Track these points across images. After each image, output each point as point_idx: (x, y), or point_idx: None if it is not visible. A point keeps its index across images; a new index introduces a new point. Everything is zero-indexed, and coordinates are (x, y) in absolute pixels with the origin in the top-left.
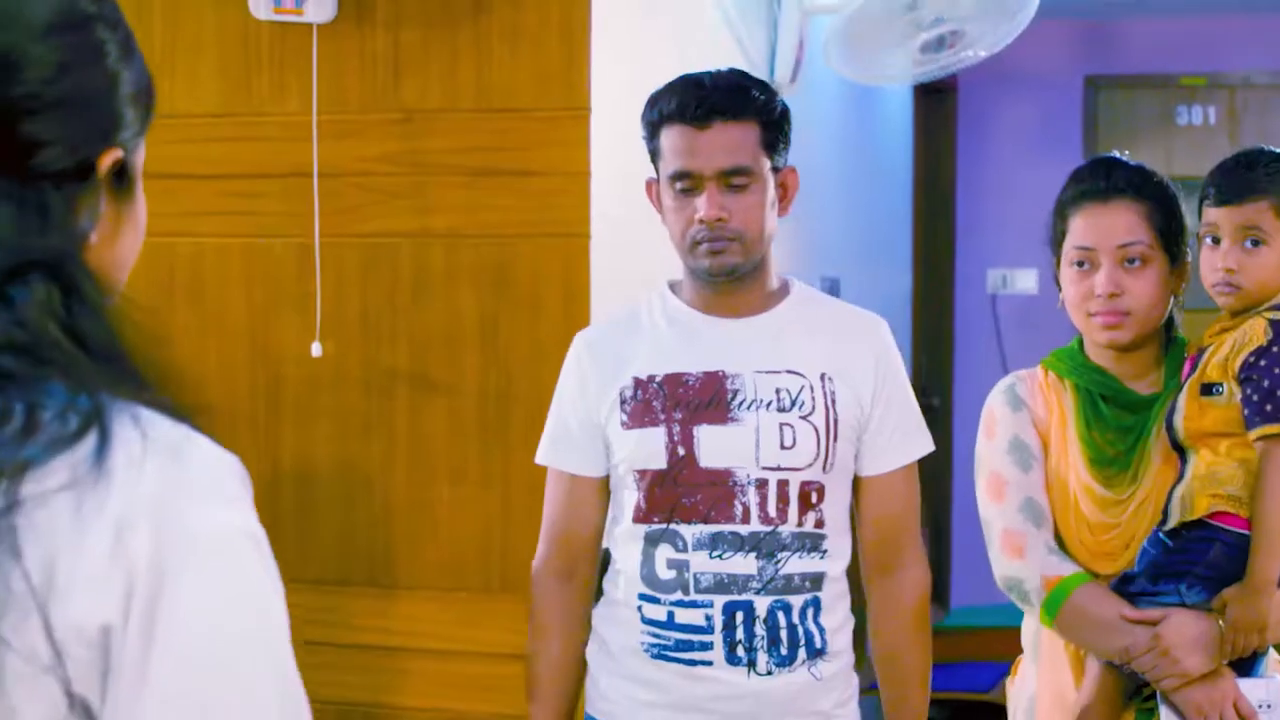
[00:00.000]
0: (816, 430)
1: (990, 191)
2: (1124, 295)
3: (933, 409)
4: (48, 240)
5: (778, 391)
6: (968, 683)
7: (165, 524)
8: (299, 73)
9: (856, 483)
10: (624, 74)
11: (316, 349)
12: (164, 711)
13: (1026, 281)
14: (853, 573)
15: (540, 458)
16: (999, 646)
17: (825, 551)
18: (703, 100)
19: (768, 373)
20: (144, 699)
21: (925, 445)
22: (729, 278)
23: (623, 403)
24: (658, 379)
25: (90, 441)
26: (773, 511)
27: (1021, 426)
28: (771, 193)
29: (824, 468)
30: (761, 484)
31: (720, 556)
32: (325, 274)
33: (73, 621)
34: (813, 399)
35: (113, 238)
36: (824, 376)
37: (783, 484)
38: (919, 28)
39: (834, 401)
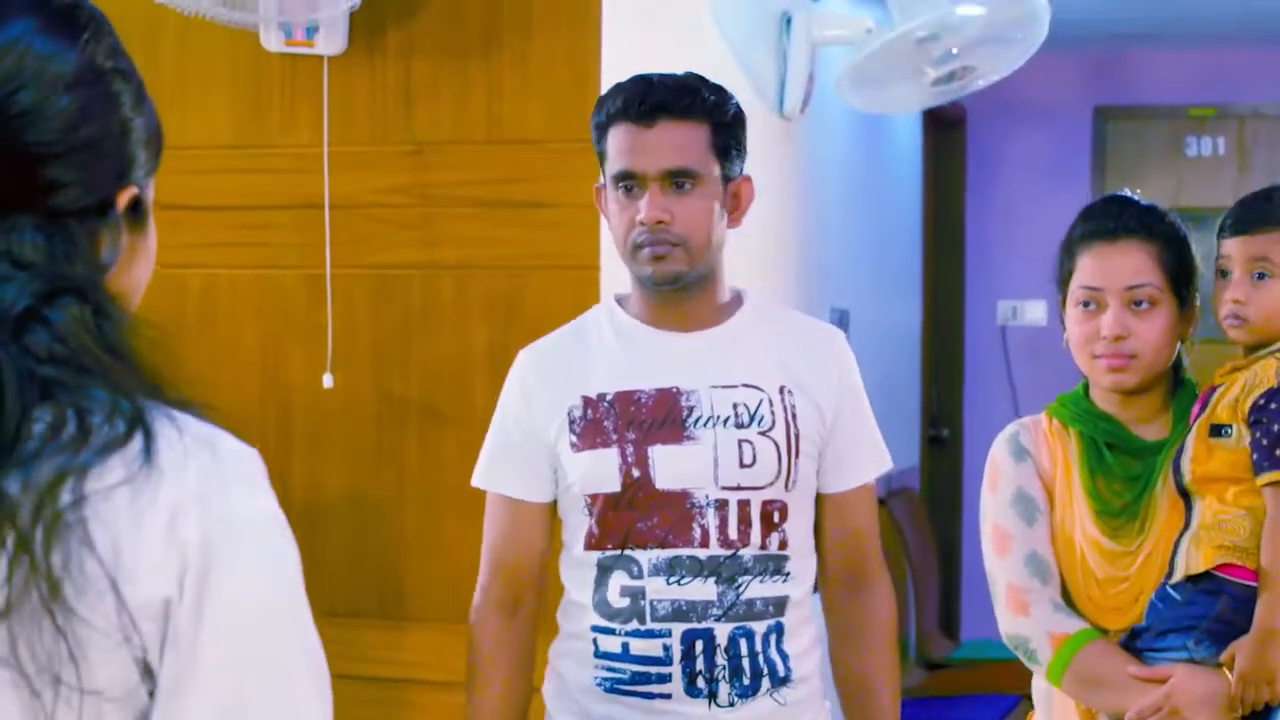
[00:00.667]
0: (777, 446)
1: (1000, 222)
2: (1130, 338)
3: (942, 440)
4: (75, 268)
5: (735, 407)
6: (977, 716)
7: (210, 511)
8: (310, 104)
9: (818, 500)
10: None
11: (328, 380)
12: (212, 669)
13: (1036, 313)
14: None
15: (478, 480)
16: (1008, 680)
17: (789, 574)
18: (648, 97)
19: (724, 387)
20: (197, 660)
21: (886, 461)
22: (673, 287)
23: (572, 423)
24: (609, 397)
25: (138, 441)
26: (733, 534)
27: (1025, 478)
28: (721, 200)
29: (786, 485)
30: (721, 505)
31: (679, 582)
32: (336, 305)
33: (140, 598)
34: (772, 413)
35: (127, 266)
36: (783, 390)
37: (743, 504)
38: (931, 64)
39: (794, 415)
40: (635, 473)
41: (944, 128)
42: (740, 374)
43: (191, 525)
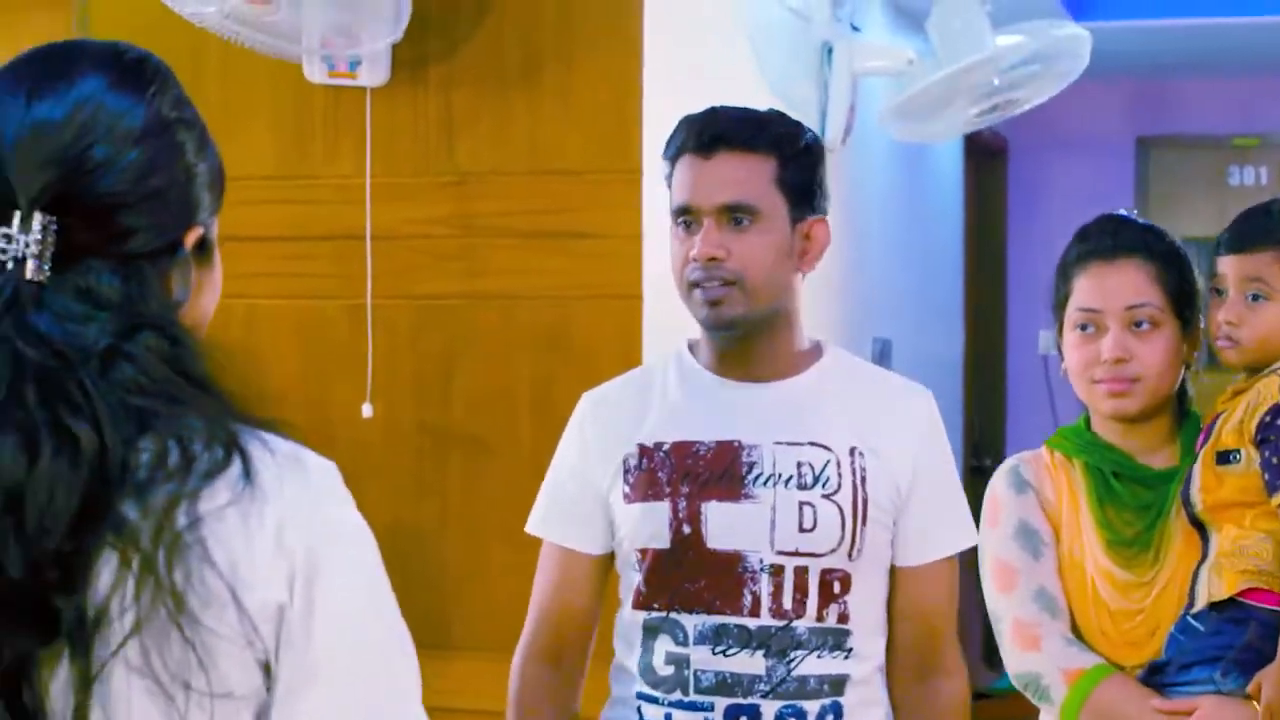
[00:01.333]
0: (841, 511)
1: (1042, 252)
2: (1132, 360)
3: (985, 469)
4: (149, 306)
5: (799, 466)
6: None
7: (310, 522)
8: (353, 136)
9: (892, 574)
10: None
11: (367, 410)
12: (324, 661)
13: None
14: None
15: (531, 526)
16: None
17: (850, 651)
18: (709, 127)
19: (789, 444)
20: (309, 655)
21: (970, 537)
22: (731, 333)
23: (626, 472)
24: (665, 447)
25: (237, 465)
26: (787, 603)
27: (1028, 510)
28: (787, 241)
29: (850, 554)
30: (776, 571)
31: (724, 653)
32: (377, 335)
33: (257, 604)
34: (839, 476)
35: (196, 298)
36: (854, 451)
37: (800, 571)
38: (974, 95)
39: (864, 479)
40: (686, 529)
41: (986, 157)
42: (808, 431)
43: (296, 536)
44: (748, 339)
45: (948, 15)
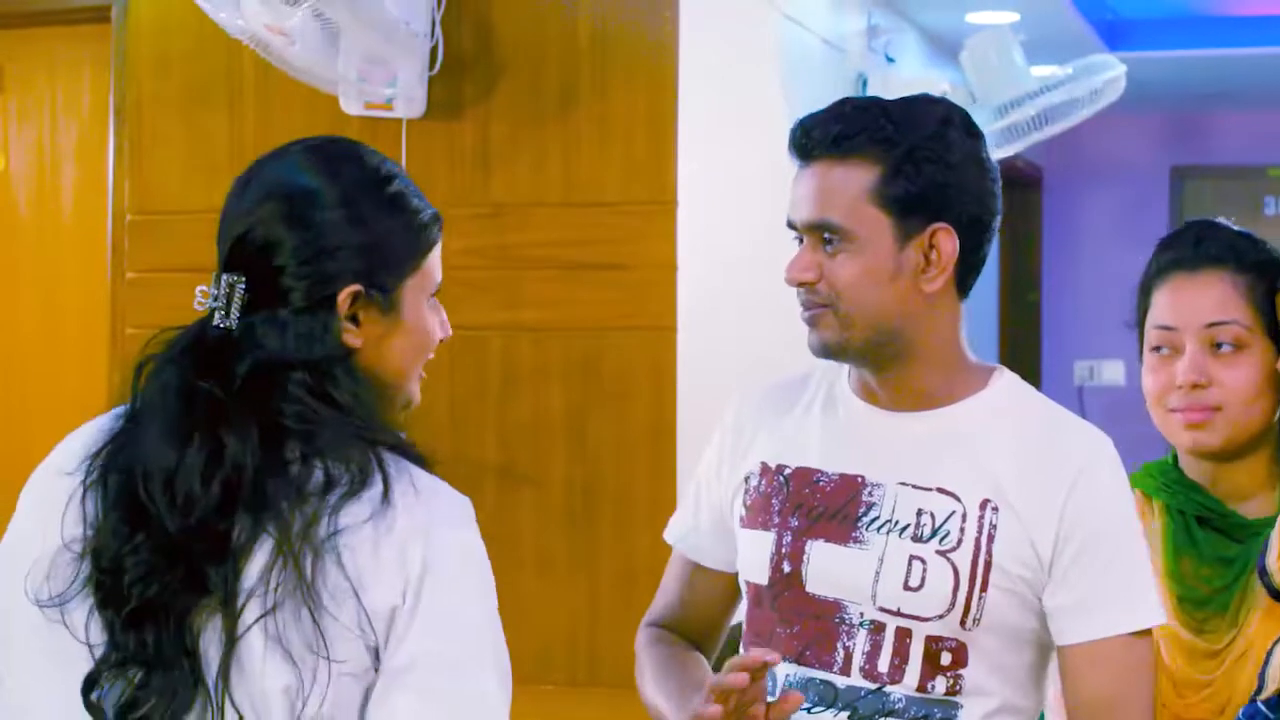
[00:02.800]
0: (956, 571)
1: (1076, 282)
2: (1212, 387)
3: None
4: (310, 349)
5: (919, 514)
6: None
7: (430, 541)
8: None
9: (1059, 655)
10: (711, 167)
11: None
12: (422, 655)
13: (1114, 373)
14: None
15: (666, 532)
16: None
17: None
18: (808, 129)
19: (915, 488)
20: (408, 645)
21: (1143, 615)
22: (835, 359)
23: (745, 492)
24: (787, 471)
25: (378, 486)
26: (883, 665)
27: None
28: (891, 262)
29: (964, 622)
30: (876, 629)
31: (808, 710)
32: None
33: (374, 604)
34: (962, 531)
35: (379, 343)
36: (986, 504)
37: (903, 634)
38: (1008, 131)
39: (991, 539)
40: (786, 567)
41: (1021, 188)
42: (939, 475)
43: (417, 551)
44: (876, 366)
45: (983, 49)
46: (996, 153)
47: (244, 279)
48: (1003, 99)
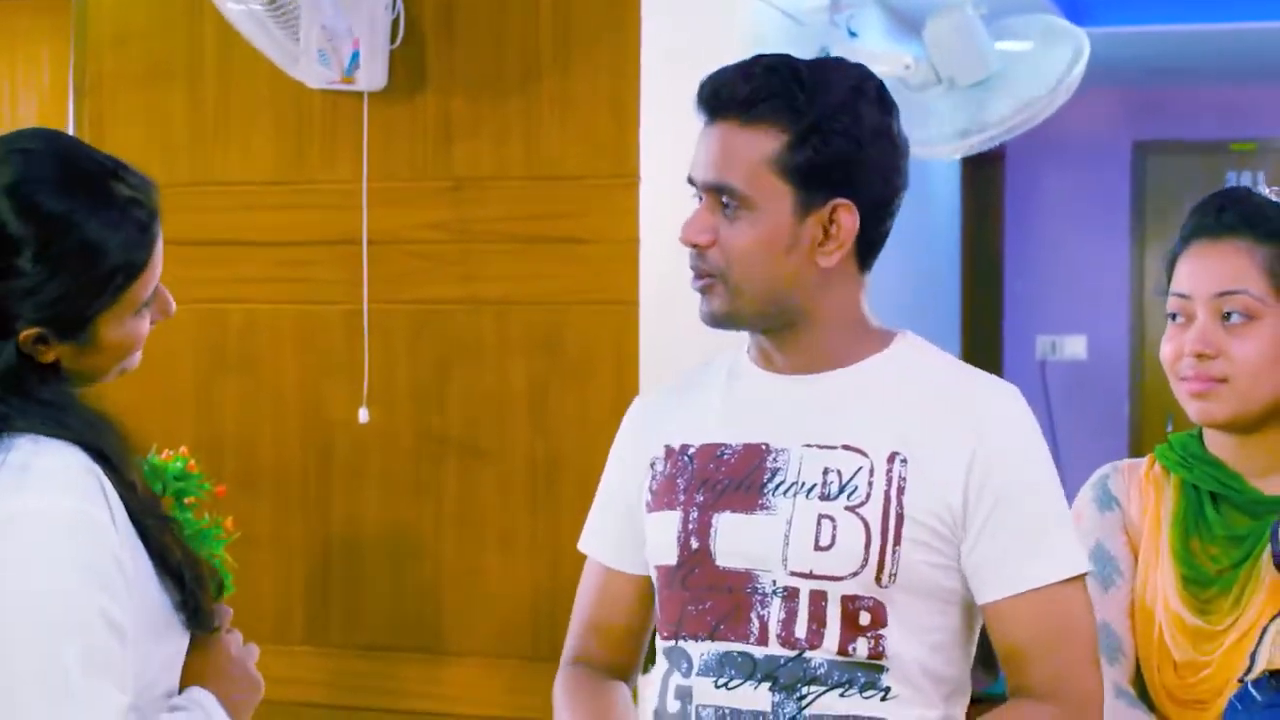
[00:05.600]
0: (867, 526)
1: (1039, 257)
2: (1219, 358)
3: None
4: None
5: (825, 473)
6: None
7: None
8: (350, 141)
9: (984, 615)
10: (673, 142)
11: (363, 414)
12: None
13: (1076, 348)
14: None
15: (580, 542)
16: None
17: (888, 692)
18: (716, 86)
19: (820, 448)
20: None
21: (1072, 563)
22: (726, 329)
23: (652, 478)
24: (691, 450)
25: None
26: (800, 631)
27: (1109, 532)
28: (788, 233)
29: (879, 579)
30: (790, 595)
31: (726, 685)
32: (374, 340)
33: None
34: (870, 485)
35: (72, 360)
36: (894, 457)
37: (818, 596)
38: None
39: (901, 491)
40: (694, 543)
41: (982, 163)
42: (843, 433)
43: None
44: (769, 333)
45: (945, 29)
46: (964, 147)
47: None
48: (967, 79)
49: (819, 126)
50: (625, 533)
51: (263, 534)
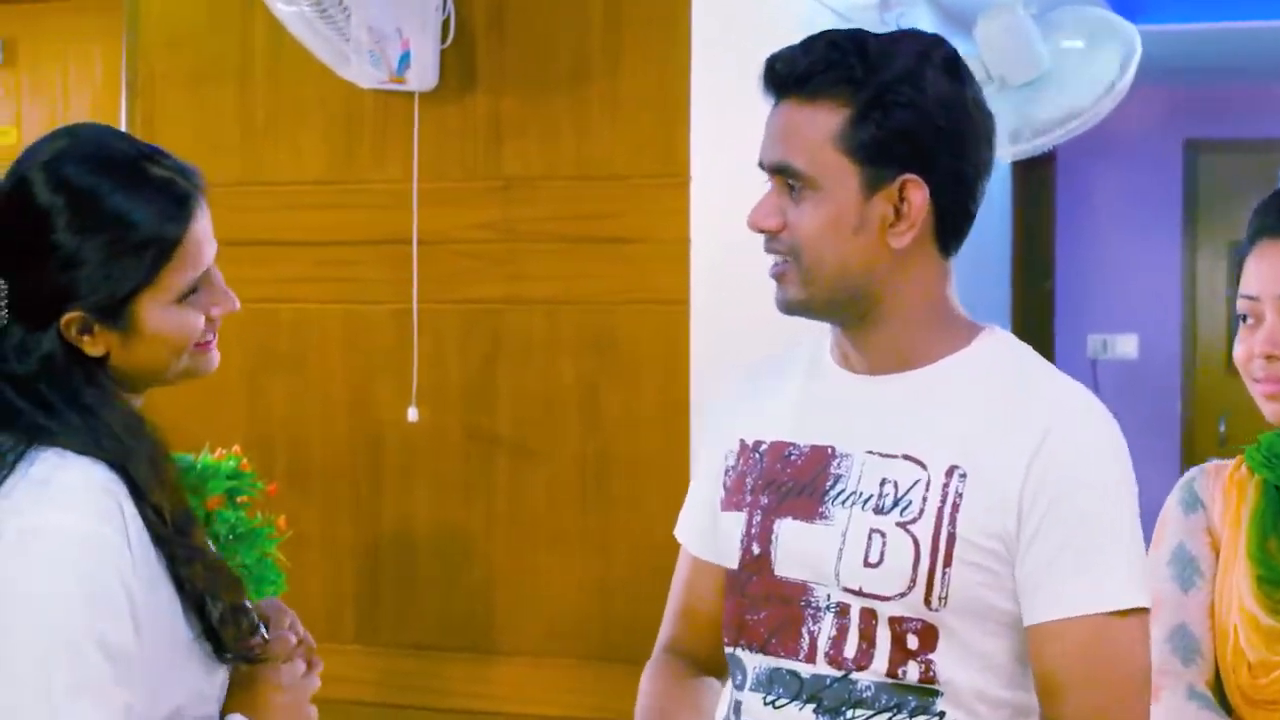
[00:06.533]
0: (917, 545)
1: (1090, 256)
2: None
3: None
4: (18, 360)
5: (882, 484)
6: None
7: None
8: (400, 141)
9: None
10: (723, 141)
11: (413, 414)
12: None
13: (1127, 346)
14: None
15: (676, 527)
16: None
17: (941, 717)
18: (777, 64)
19: (881, 456)
20: None
21: (1129, 595)
22: (801, 316)
23: (726, 473)
24: (764, 446)
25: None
26: (849, 651)
27: (1191, 533)
28: (855, 213)
29: (928, 600)
30: (842, 611)
31: (774, 704)
32: (423, 340)
33: None
34: (924, 501)
35: (120, 350)
36: (952, 471)
37: (868, 615)
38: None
39: (955, 508)
40: (755, 549)
41: (1033, 163)
42: (906, 441)
43: None
44: (846, 326)
45: (995, 27)
46: (1015, 151)
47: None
48: (1018, 79)
49: (880, 98)
50: (708, 522)
51: (313, 533)
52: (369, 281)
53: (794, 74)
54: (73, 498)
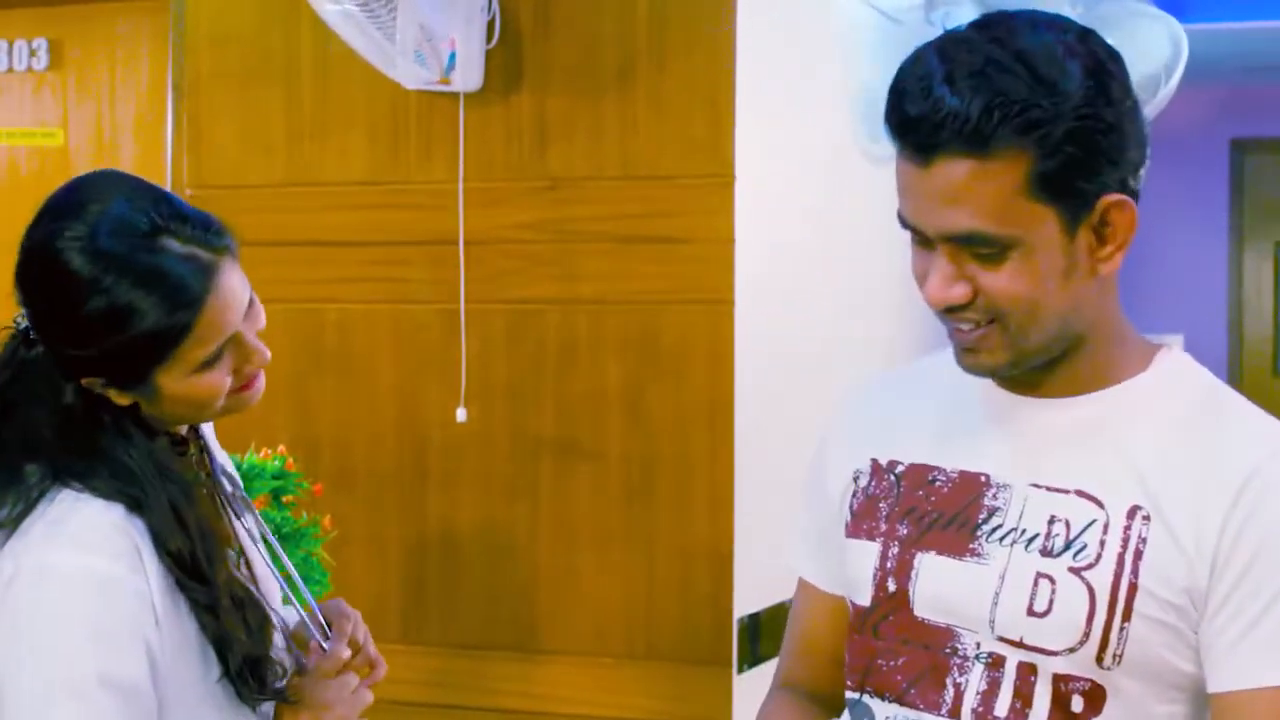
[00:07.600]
0: (1092, 595)
1: (1135, 256)
2: None
3: None
4: (47, 396)
5: (1051, 522)
6: None
7: (29, 557)
8: (446, 141)
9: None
10: (769, 141)
11: (461, 414)
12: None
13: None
14: None
15: (787, 551)
16: None
17: None
18: (922, 120)
19: (1048, 490)
20: None
21: None
22: (993, 377)
23: (853, 494)
24: (900, 468)
25: (20, 512)
26: (1000, 709)
27: None
28: (1063, 256)
29: (1100, 658)
30: (995, 663)
31: None
32: (470, 340)
33: None
34: (1102, 544)
35: (152, 406)
36: (1135, 513)
37: (1026, 670)
38: None
39: (1139, 555)
40: (891, 585)
41: None
42: (1080, 475)
43: (13, 564)
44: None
45: None
46: None
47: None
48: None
49: (1071, 133)
50: (820, 544)
51: (359, 533)
52: (416, 282)
53: (962, 129)
54: (87, 538)
